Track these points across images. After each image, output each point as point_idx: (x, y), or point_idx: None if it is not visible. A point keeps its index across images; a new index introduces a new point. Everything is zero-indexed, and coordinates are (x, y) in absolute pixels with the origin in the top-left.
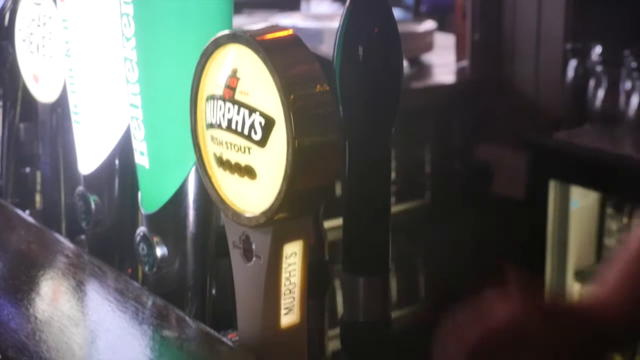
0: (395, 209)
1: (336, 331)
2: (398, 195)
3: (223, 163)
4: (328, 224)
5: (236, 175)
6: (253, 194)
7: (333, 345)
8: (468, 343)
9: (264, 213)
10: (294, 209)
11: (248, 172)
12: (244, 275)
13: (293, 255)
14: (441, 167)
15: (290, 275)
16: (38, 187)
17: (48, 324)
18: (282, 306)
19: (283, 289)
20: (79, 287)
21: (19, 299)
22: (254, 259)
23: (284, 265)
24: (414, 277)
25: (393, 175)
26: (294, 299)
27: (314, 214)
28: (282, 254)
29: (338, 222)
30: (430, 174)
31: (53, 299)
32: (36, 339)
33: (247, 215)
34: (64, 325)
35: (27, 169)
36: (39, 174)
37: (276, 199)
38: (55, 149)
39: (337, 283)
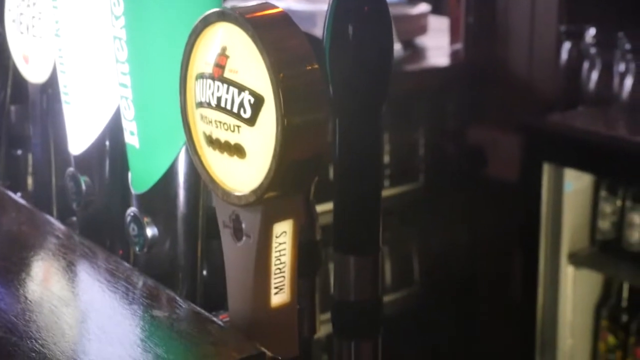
0: (388, 192)
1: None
2: (392, 179)
3: (212, 142)
4: (322, 207)
5: (226, 154)
6: (243, 172)
7: (327, 328)
8: None
9: (254, 192)
10: (284, 188)
11: (237, 150)
12: (234, 254)
13: (283, 234)
14: (435, 150)
15: (280, 255)
16: (29, 169)
17: (38, 304)
18: (273, 285)
19: (273, 268)
20: (70, 268)
21: (9, 279)
22: (243, 238)
23: (274, 245)
24: (407, 260)
25: (387, 158)
26: (285, 278)
27: (304, 194)
28: (272, 233)
29: (331, 206)
30: (424, 157)
31: (43, 280)
32: (26, 319)
33: (237, 194)
34: (54, 305)
35: (19, 151)
36: (30, 157)
37: (266, 177)
38: (46, 130)
39: (331, 266)
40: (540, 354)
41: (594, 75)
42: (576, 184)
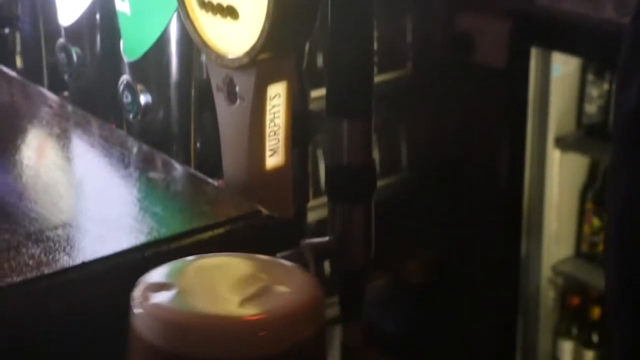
0: (377, 78)
1: None
2: (380, 65)
3: (205, 5)
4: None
5: (218, 17)
6: (236, 34)
7: (317, 214)
8: None
9: (247, 53)
10: (277, 48)
11: (230, 12)
12: (228, 118)
13: (277, 96)
14: (423, 37)
15: (274, 117)
16: (18, 48)
17: (34, 168)
18: (267, 148)
19: (267, 130)
20: (64, 135)
21: (3, 147)
22: (238, 101)
23: (268, 107)
24: (396, 146)
25: (375, 45)
26: (279, 141)
27: (297, 56)
28: (266, 95)
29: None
30: (412, 44)
31: (38, 147)
32: (23, 182)
33: (230, 56)
34: (50, 169)
35: (6, 30)
36: (18, 35)
37: (259, 38)
38: (34, 7)
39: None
40: (526, 237)
41: None
42: (563, 67)
